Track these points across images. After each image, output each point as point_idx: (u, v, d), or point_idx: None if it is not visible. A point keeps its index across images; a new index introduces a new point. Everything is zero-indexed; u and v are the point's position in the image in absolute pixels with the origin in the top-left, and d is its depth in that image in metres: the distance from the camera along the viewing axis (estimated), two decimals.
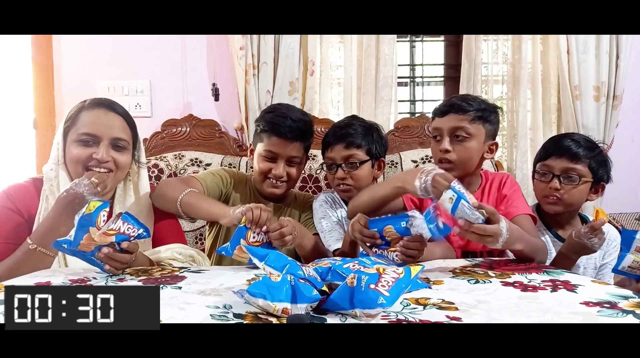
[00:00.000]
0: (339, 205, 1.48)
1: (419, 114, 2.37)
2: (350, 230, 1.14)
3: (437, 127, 1.33)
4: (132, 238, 1.01)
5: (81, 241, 0.96)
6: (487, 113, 1.30)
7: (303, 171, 1.81)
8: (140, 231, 1.02)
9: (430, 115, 2.28)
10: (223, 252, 1.13)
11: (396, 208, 1.29)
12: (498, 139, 1.38)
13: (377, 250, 1.12)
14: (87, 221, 0.97)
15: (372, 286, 0.75)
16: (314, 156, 1.98)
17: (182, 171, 2.03)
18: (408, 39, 2.44)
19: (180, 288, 0.90)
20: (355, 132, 1.42)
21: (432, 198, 1.06)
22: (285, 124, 1.39)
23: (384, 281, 0.77)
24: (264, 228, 1.12)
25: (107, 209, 1.00)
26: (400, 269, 0.84)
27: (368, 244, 1.11)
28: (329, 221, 1.41)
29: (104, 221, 0.99)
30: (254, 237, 1.12)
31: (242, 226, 1.12)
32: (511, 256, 1.32)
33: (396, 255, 1.07)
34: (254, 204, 1.14)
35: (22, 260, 1.05)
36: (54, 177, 1.18)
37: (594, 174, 1.33)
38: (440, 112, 1.33)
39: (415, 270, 0.86)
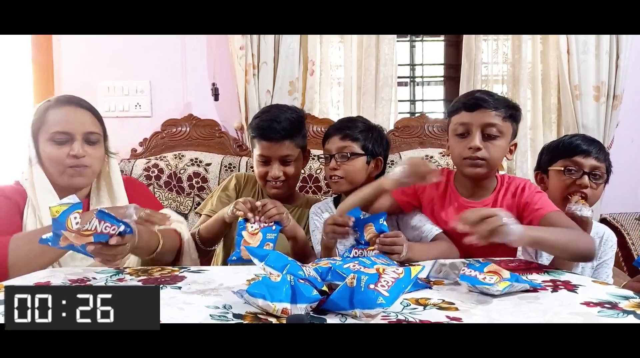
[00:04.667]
0: (326, 211, 1.47)
1: (419, 114, 2.37)
2: (323, 233, 1.19)
3: (465, 122, 1.23)
4: (113, 236, 0.95)
5: (59, 241, 0.91)
6: (516, 112, 1.26)
7: (303, 171, 1.81)
8: (121, 227, 0.95)
9: (431, 115, 2.31)
10: (234, 258, 1.15)
11: (380, 208, 1.27)
12: None
13: (357, 251, 1.13)
14: (56, 225, 0.91)
15: (372, 286, 0.75)
16: (314, 156, 1.98)
17: (182, 171, 2.03)
18: (408, 39, 2.44)
19: (180, 288, 0.90)
20: (354, 126, 1.44)
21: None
22: (271, 126, 1.42)
23: (384, 281, 0.77)
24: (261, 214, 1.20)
25: (80, 210, 0.93)
26: (400, 269, 0.84)
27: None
28: (318, 232, 1.41)
29: (77, 223, 0.92)
30: (252, 226, 1.19)
31: (240, 220, 1.20)
32: (520, 256, 1.31)
33: (373, 255, 1.07)
34: (241, 199, 1.25)
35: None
36: (25, 179, 1.21)
37: (607, 175, 1.35)
38: (468, 106, 1.23)
39: (415, 270, 0.86)
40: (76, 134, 1.18)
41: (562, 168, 1.33)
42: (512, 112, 1.24)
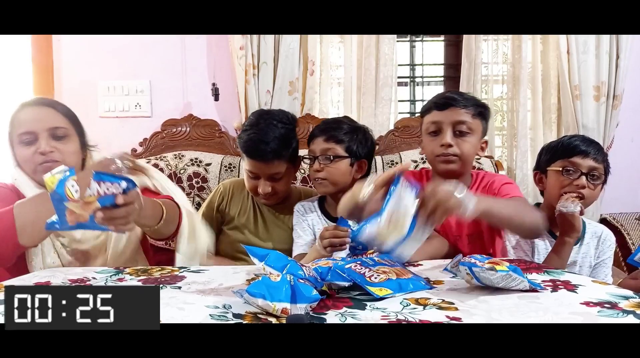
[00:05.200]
0: (310, 211, 1.48)
1: (418, 114, 2.37)
2: (319, 244, 1.18)
3: (436, 121, 1.28)
4: (118, 196, 0.88)
5: (66, 218, 0.86)
6: (485, 110, 1.31)
7: (302, 171, 1.82)
8: (123, 183, 0.87)
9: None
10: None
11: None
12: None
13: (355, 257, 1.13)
14: (56, 198, 0.85)
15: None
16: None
17: (182, 171, 2.03)
18: (408, 39, 2.44)
19: (179, 288, 0.90)
20: (338, 128, 1.43)
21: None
22: (258, 148, 1.38)
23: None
24: None
25: (74, 177, 0.87)
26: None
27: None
28: (299, 227, 1.46)
29: (76, 191, 0.85)
30: None
31: None
32: (512, 255, 1.32)
33: (375, 256, 1.07)
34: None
35: None
36: (15, 179, 1.23)
37: (605, 176, 1.35)
38: (439, 105, 1.29)
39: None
40: (40, 132, 1.19)
41: (561, 168, 1.33)
42: (481, 110, 1.29)
